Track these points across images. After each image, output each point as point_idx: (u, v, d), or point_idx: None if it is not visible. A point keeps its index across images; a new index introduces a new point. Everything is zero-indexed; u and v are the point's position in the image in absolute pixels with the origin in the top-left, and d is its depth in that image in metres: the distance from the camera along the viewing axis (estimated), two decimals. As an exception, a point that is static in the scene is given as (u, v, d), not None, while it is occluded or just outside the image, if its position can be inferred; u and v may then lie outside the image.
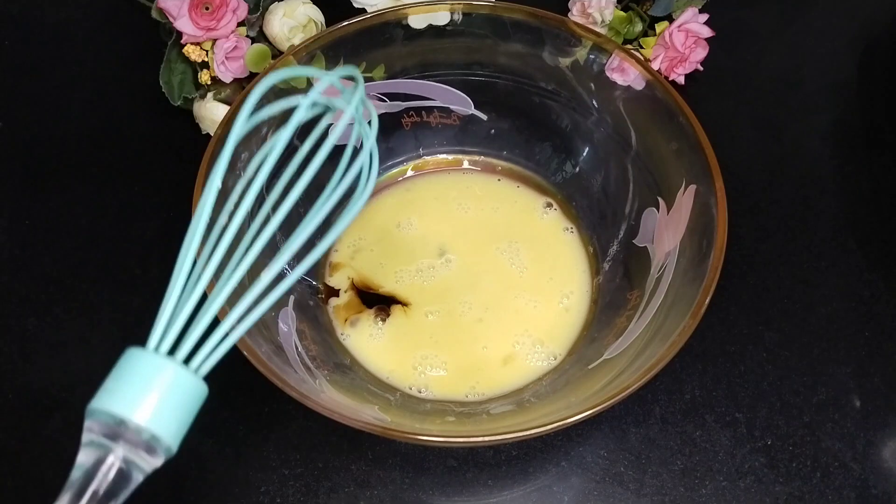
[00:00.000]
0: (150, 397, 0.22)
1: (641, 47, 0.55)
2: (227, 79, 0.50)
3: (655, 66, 0.53)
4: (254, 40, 0.52)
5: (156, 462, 0.22)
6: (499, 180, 0.50)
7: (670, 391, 0.44)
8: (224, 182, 0.25)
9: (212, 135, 0.39)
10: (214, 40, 0.50)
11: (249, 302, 0.24)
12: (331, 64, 0.43)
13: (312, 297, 0.45)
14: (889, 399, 0.44)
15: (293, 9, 0.51)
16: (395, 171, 0.50)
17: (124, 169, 0.53)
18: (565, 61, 0.44)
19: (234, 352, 0.26)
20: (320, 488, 0.41)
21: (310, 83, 0.43)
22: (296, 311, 0.41)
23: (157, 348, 0.23)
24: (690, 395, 0.44)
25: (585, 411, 0.32)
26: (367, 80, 0.45)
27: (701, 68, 0.55)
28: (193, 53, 0.50)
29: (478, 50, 0.45)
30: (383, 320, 0.44)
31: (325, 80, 0.26)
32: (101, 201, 0.51)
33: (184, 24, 0.49)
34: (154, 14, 0.51)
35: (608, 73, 0.43)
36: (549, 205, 0.49)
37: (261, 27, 0.52)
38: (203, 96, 0.51)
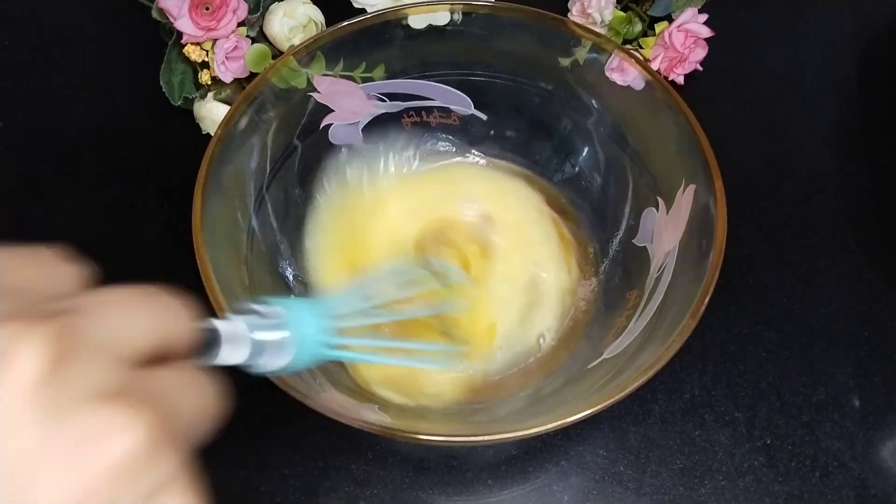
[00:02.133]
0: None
1: (641, 47, 0.55)
2: (228, 79, 0.50)
3: (655, 66, 0.53)
4: (254, 40, 0.52)
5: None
6: (498, 180, 0.50)
7: (670, 391, 0.44)
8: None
9: (212, 135, 0.39)
10: (215, 40, 0.50)
11: None
12: (331, 64, 0.43)
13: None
14: (889, 399, 0.44)
15: (293, 9, 0.51)
16: (394, 172, 0.50)
17: (124, 169, 0.53)
18: (565, 61, 0.44)
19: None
20: (320, 488, 0.41)
21: (310, 83, 0.43)
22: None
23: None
24: (690, 395, 0.44)
25: (585, 411, 0.32)
26: (367, 80, 0.45)
27: (700, 68, 0.55)
28: (194, 53, 0.50)
29: (478, 50, 0.45)
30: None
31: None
32: (100, 201, 0.51)
33: (184, 24, 0.49)
34: (154, 14, 0.51)
35: (608, 74, 0.43)
36: (550, 205, 0.49)
37: (261, 27, 0.52)
38: (203, 96, 0.51)
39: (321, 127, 0.45)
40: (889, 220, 0.51)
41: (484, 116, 0.48)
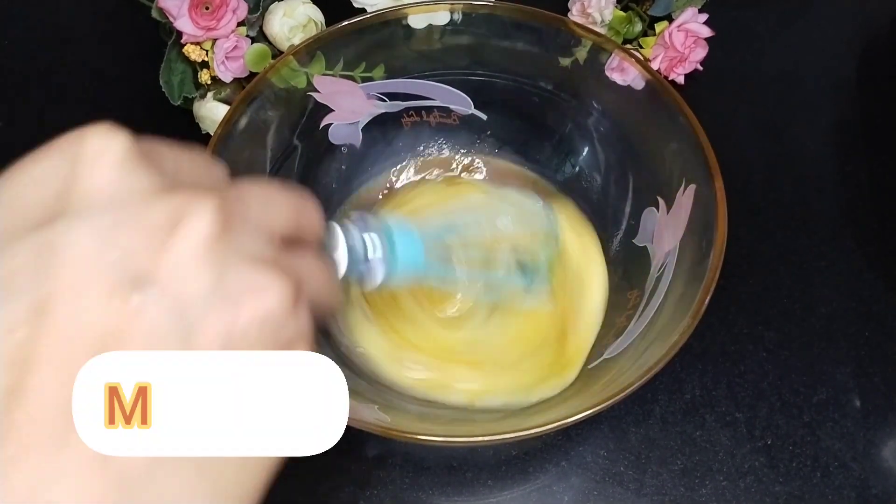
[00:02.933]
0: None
1: (641, 47, 0.55)
2: (227, 78, 0.50)
3: (655, 65, 0.53)
4: (254, 40, 0.52)
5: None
6: (498, 180, 0.50)
7: (670, 391, 0.44)
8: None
9: (212, 134, 0.39)
10: (214, 40, 0.50)
11: None
12: (331, 64, 0.43)
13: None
14: (889, 399, 0.44)
15: (293, 8, 0.51)
16: (393, 171, 0.50)
17: (124, 169, 0.53)
18: (565, 61, 0.44)
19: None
20: (320, 488, 0.41)
21: (309, 83, 0.43)
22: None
23: None
24: (690, 395, 0.44)
25: (585, 411, 0.32)
26: (367, 80, 0.45)
27: (700, 68, 0.55)
28: (193, 53, 0.50)
29: (478, 50, 0.45)
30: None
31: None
32: (100, 201, 0.51)
33: (184, 23, 0.49)
34: (154, 14, 0.51)
35: (608, 73, 0.43)
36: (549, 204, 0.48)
37: (261, 27, 0.52)
38: (203, 96, 0.51)
39: (321, 127, 0.45)
40: (889, 220, 0.51)
41: (484, 116, 0.48)
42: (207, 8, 0.49)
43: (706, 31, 0.53)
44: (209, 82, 0.51)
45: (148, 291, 0.17)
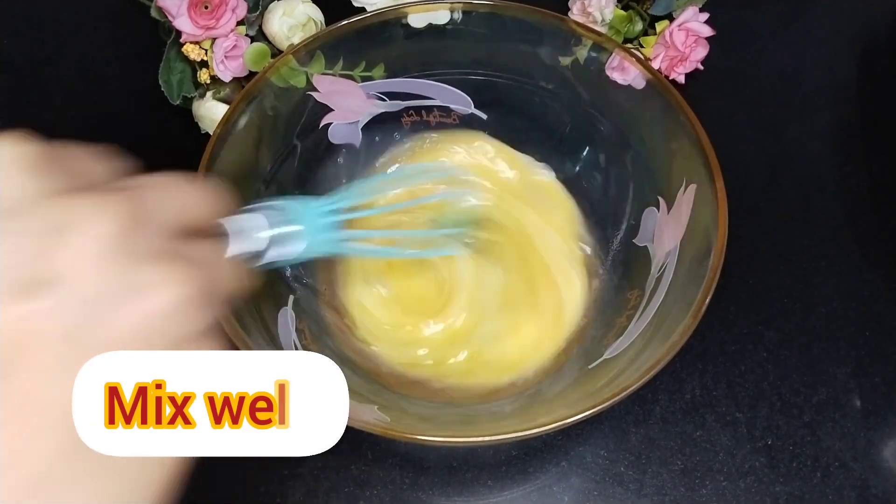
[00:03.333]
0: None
1: (642, 46, 0.55)
2: (227, 78, 0.50)
3: (656, 65, 0.53)
4: (253, 39, 0.51)
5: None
6: (498, 179, 0.50)
7: (670, 391, 0.44)
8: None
9: (211, 134, 0.39)
10: (214, 39, 0.50)
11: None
12: (330, 63, 0.43)
13: (313, 297, 0.45)
14: (889, 399, 0.44)
15: (292, 8, 0.51)
16: (393, 171, 0.50)
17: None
18: (565, 61, 0.44)
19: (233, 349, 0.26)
20: (320, 488, 0.41)
21: (309, 82, 0.43)
22: (295, 310, 0.41)
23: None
24: (690, 395, 0.44)
25: (585, 411, 0.32)
26: (366, 79, 0.45)
27: (701, 67, 0.55)
28: (193, 52, 0.50)
29: (478, 49, 0.45)
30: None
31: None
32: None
33: (183, 22, 0.49)
34: (153, 13, 0.51)
35: (608, 73, 0.43)
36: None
37: (260, 26, 0.52)
38: (202, 95, 0.51)
39: (320, 126, 0.45)
40: (889, 220, 0.51)
41: (484, 116, 0.48)
42: (206, 7, 0.49)
43: (707, 31, 0.53)
44: (208, 81, 0.51)
45: (41, 295, 0.17)
